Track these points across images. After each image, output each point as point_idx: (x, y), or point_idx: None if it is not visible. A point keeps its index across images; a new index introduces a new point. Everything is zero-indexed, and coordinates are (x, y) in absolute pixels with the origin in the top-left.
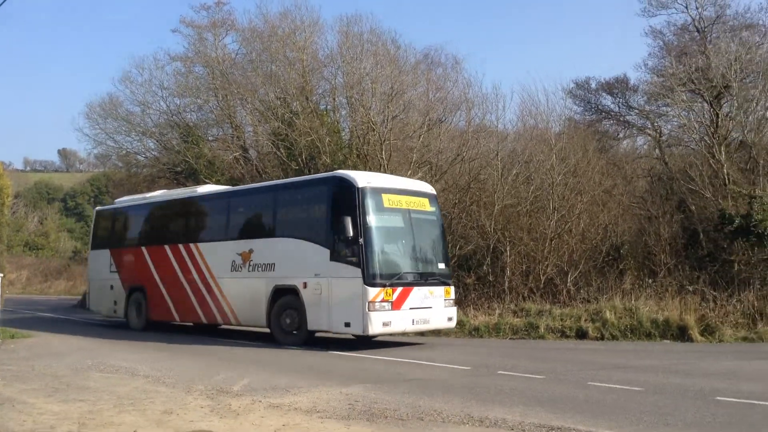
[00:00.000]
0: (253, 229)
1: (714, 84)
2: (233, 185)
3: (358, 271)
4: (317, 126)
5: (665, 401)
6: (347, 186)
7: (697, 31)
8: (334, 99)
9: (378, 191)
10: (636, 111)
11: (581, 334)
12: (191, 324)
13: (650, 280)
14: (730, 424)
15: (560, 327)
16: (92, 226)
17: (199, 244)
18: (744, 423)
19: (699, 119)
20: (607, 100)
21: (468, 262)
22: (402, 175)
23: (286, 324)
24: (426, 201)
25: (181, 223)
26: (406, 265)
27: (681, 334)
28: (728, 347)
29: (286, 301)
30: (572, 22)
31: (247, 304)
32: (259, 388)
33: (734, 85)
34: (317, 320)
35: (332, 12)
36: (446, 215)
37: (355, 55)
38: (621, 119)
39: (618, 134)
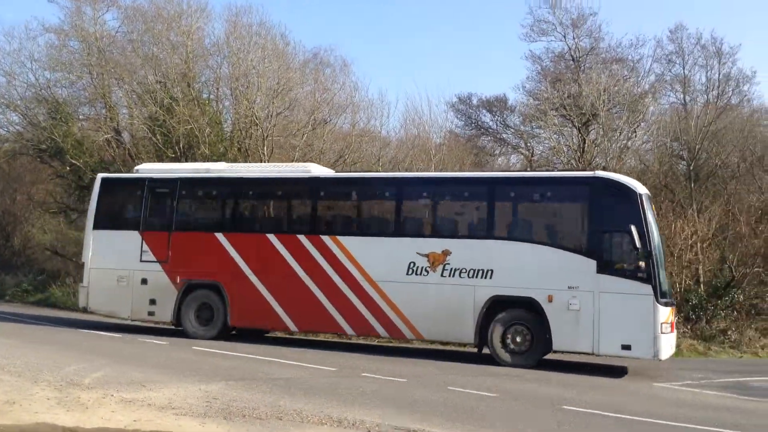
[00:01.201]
0: (453, 226)
1: (584, 111)
2: (105, 169)
3: (646, 288)
4: (198, 115)
5: (517, 407)
6: (624, 191)
7: (573, 60)
8: (217, 89)
9: (650, 199)
10: (512, 130)
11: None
12: (284, 334)
13: None
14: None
15: None
16: (95, 198)
17: (342, 238)
18: (581, 430)
19: (568, 143)
20: (487, 117)
21: None
22: None
23: (515, 342)
24: None
25: (304, 209)
26: (667, 282)
27: None
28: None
29: (512, 315)
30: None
31: (437, 316)
32: (113, 382)
33: (602, 114)
34: (569, 339)
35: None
36: None
37: (242, 46)
38: (498, 137)
39: (494, 151)
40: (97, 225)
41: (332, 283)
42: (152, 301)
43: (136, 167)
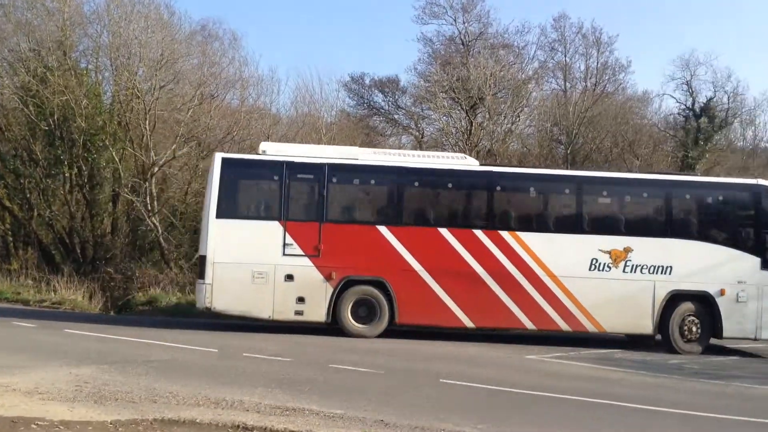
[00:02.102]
0: (634, 225)
1: (471, 95)
2: None
3: None
4: (74, 86)
5: (398, 382)
6: None
7: (462, 44)
8: (97, 59)
9: None
10: (403, 111)
11: None
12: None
13: None
14: (448, 403)
15: None
16: (216, 181)
17: (522, 234)
18: (457, 401)
19: (456, 125)
20: (379, 98)
21: None
22: (166, 150)
23: (690, 332)
24: None
25: (479, 204)
26: None
27: None
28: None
29: (688, 308)
30: (356, 19)
31: (618, 310)
32: None
33: (488, 98)
34: (736, 328)
35: None
36: None
37: (123, 14)
38: (390, 117)
39: (386, 131)
40: (222, 213)
41: (512, 279)
42: (300, 299)
43: (262, 147)
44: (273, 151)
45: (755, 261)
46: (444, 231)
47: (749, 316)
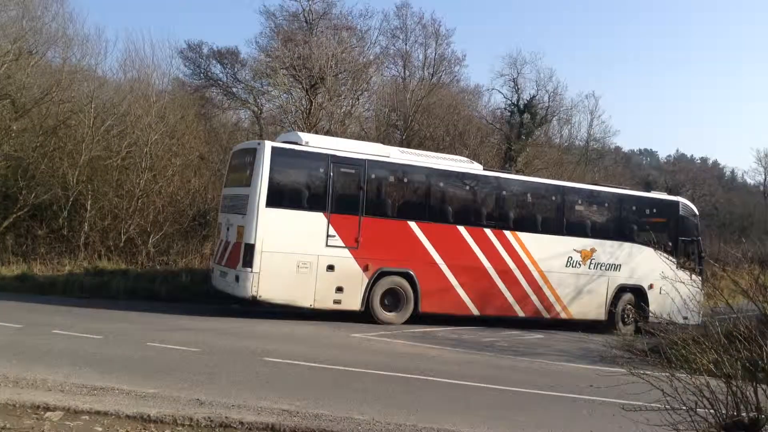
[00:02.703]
0: (598, 230)
1: (312, 74)
2: None
3: (699, 279)
4: None
5: (218, 361)
6: (693, 212)
7: (306, 21)
8: None
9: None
10: (242, 85)
11: (155, 297)
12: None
13: None
14: (268, 381)
15: (133, 288)
16: (265, 169)
17: (520, 233)
18: (278, 379)
19: (296, 104)
20: (217, 69)
21: (43, 212)
22: None
23: (628, 317)
24: None
25: (493, 205)
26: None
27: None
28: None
29: (629, 298)
30: None
31: (584, 300)
32: None
33: (329, 78)
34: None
35: None
36: (24, 158)
37: None
38: (228, 90)
39: (224, 104)
40: (271, 202)
41: (511, 273)
42: (339, 289)
43: (304, 138)
44: (315, 142)
45: (673, 262)
46: (462, 228)
47: (668, 305)
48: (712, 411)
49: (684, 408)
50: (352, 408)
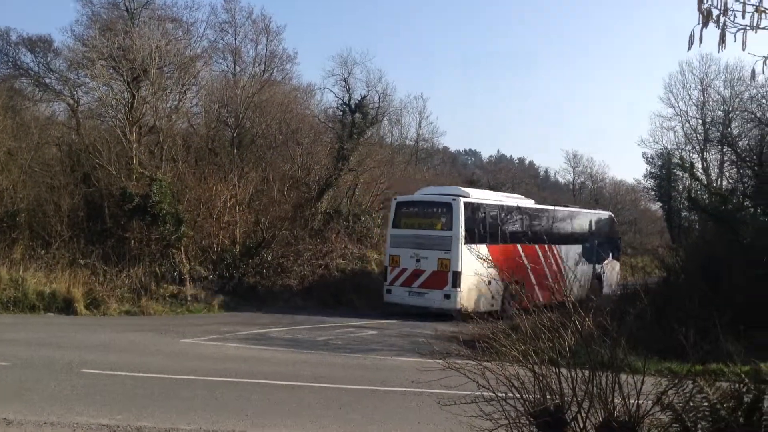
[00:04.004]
0: (582, 238)
1: (135, 66)
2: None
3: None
4: None
5: (31, 375)
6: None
7: (127, 11)
8: None
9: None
10: (56, 75)
11: None
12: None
13: (43, 251)
14: (86, 395)
15: None
16: (461, 217)
17: (554, 246)
18: (98, 392)
19: (117, 97)
20: (28, 58)
21: None
22: None
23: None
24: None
25: (549, 228)
26: None
27: (67, 307)
28: (111, 320)
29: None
30: None
31: (582, 286)
32: None
33: (152, 71)
34: (607, 290)
35: None
36: None
37: None
38: (40, 81)
39: (35, 95)
40: (465, 241)
41: (546, 274)
42: (493, 297)
43: (466, 190)
44: (475, 195)
45: (610, 255)
46: (536, 246)
47: (610, 281)
48: (521, 399)
49: (496, 399)
50: (179, 418)
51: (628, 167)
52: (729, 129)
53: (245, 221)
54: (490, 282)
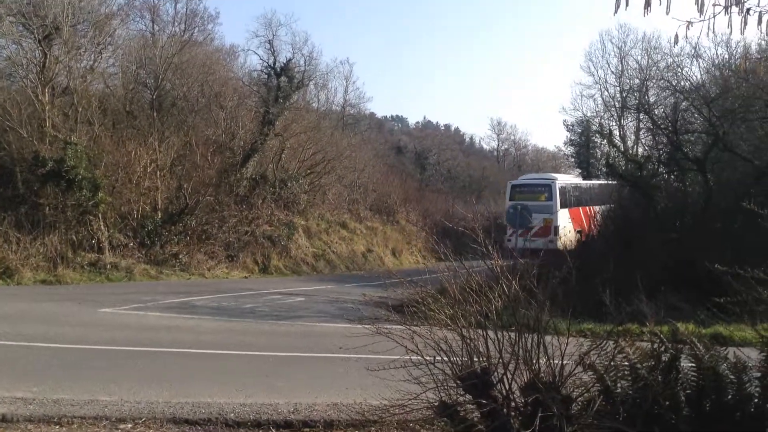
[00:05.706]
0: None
1: (46, 23)
2: None
3: None
4: None
5: None
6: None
7: None
8: None
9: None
10: None
11: None
12: None
13: None
14: (0, 367)
15: None
16: (558, 192)
17: (591, 207)
18: (12, 364)
19: (28, 56)
20: None
21: None
22: None
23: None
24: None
25: (589, 196)
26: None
27: None
28: (25, 290)
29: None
30: None
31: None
32: None
33: (65, 29)
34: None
35: None
36: None
37: None
38: None
39: None
40: (560, 205)
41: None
42: (570, 240)
43: (554, 176)
44: (560, 179)
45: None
46: (588, 208)
47: (567, 234)
48: (449, 363)
49: (424, 363)
50: (98, 389)
51: (550, 134)
52: (646, 97)
53: (167, 187)
54: (569, 231)
